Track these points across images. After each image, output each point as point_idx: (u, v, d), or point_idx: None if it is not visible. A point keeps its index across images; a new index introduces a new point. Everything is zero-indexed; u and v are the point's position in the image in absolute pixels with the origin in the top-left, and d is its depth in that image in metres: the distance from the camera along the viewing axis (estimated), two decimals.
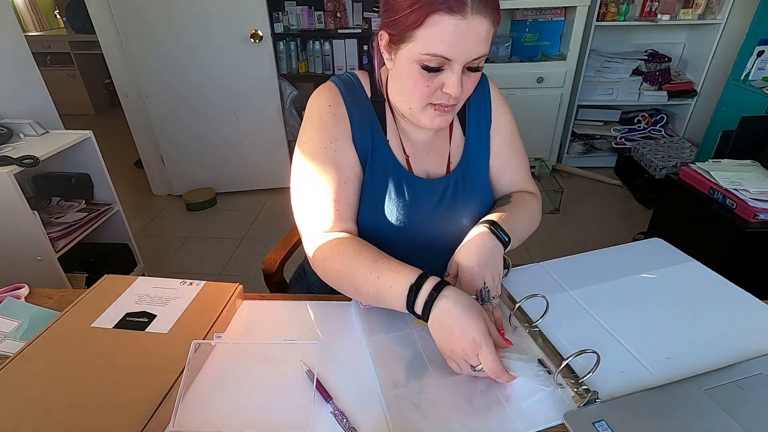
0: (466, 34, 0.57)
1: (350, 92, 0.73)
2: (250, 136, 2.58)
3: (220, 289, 0.73)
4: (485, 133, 0.80)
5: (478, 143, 0.79)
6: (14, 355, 0.60)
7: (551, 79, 2.53)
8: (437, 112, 0.66)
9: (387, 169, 0.73)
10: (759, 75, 2.07)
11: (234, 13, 2.24)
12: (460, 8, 0.56)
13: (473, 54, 0.59)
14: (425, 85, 0.63)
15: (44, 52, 4.12)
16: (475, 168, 0.79)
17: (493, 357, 0.54)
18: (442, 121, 0.68)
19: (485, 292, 0.64)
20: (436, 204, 0.76)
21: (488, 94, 0.80)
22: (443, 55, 0.59)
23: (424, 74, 0.61)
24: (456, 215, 0.77)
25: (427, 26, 0.57)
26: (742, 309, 0.68)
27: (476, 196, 0.78)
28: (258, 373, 0.60)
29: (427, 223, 0.75)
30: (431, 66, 0.60)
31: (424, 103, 0.65)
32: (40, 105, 1.77)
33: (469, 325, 0.54)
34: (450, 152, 0.78)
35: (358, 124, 0.72)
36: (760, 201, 1.33)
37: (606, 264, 0.80)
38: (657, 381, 0.56)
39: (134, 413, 0.51)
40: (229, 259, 2.14)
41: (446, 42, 0.57)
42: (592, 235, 2.24)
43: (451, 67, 0.60)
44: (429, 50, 0.59)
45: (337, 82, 0.73)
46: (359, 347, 0.64)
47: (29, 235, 1.40)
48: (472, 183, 0.78)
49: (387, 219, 0.73)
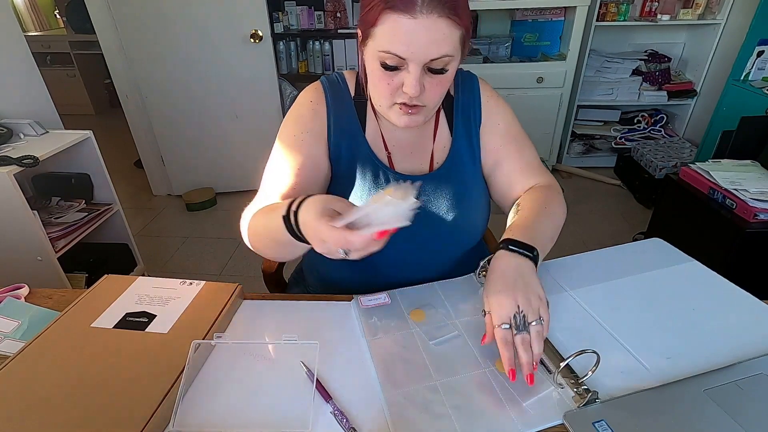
0: (418, 33, 0.57)
1: (333, 92, 0.76)
2: (250, 136, 2.58)
3: (220, 289, 0.73)
4: (474, 134, 0.79)
5: (466, 144, 0.78)
6: (14, 355, 0.60)
7: (551, 79, 2.53)
8: (402, 111, 0.67)
9: (366, 165, 0.75)
10: (759, 75, 2.07)
11: (234, 13, 2.24)
12: (409, 7, 0.56)
13: (429, 54, 0.59)
14: (386, 83, 0.64)
15: (44, 52, 4.12)
16: (461, 168, 0.78)
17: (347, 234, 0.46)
18: (410, 121, 0.68)
19: (520, 318, 0.56)
20: (425, 199, 0.76)
21: (477, 95, 0.79)
22: (396, 54, 0.59)
23: (384, 72, 0.63)
24: (438, 213, 0.76)
25: (381, 24, 0.59)
26: (742, 309, 0.68)
27: (460, 195, 0.77)
28: (258, 373, 0.60)
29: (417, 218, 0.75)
30: (389, 64, 0.61)
31: (390, 102, 0.66)
32: (40, 105, 1.77)
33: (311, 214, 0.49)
34: (434, 151, 0.78)
35: (337, 124, 0.74)
36: (760, 201, 1.33)
37: (606, 264, 0.80)
38: (657, 381, 0.56)
39: (134, 413, 0.51)
40: (229, 259, 2.14)
41: (398, 40, 0.58)
42: (592, 235, 2.24)
43: (408, 67, 0.61)
44: (383, 48, 0.60)
45: (323, 82, 0.77)
46: (359, 347, 0.64)
47: (29, 235, 1.40)
48: (457, 182, 0.77)
49: None
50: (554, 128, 2.69)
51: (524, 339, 0.55)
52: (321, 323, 0.69)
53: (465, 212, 0.77)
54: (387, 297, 0.73)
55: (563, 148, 2.85)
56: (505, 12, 2.73)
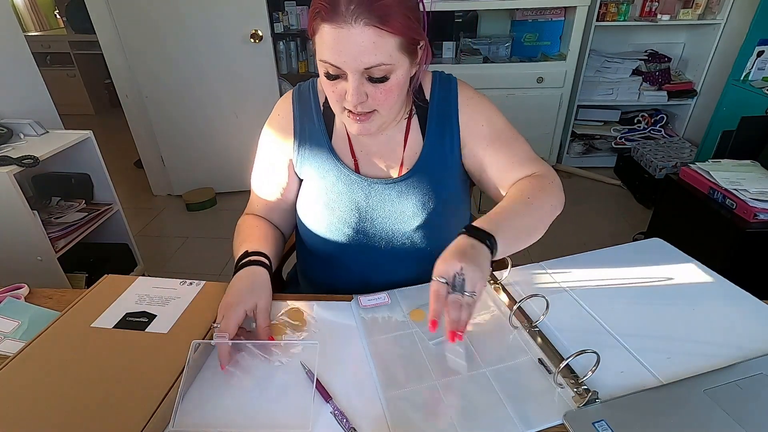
0: (346, 42, 0.58)
1: (301, 102, 0.79)
2: (250, 136, 2.56)
3: (220, 289, 0.73)
4: (448, 139, 0.76)
5: (438, 148, 0.76)
6: (14, 355, 0.60)
7: (551, 79, 2.53)
8: (351, 118, 0.67)
9: (330, 171, 0.76)
10: (759, 75, 2.07)
11: (234, 13, 2.24)
12: (335, 17, 0.57)
13: (362, 63, 0.59)
14: (332, 91, 0.65)
15: (44, 52, 4.12)
16: (431, 173, 0.76)
17: (233, 325, 0.61)
18: (361, 128, 0.68)
19: (459, 279, 0.55)
20: (384, 205, 0.76)
21: (455, 99, 0.77)
22: (330, 63, 0.61)
23: (329, 81, 0.64)
24: (405, 217, 0.76)
25: (318, 35, 0.61)
26: (742, 309, 0.68)
27: (429, 199, 0.76)
28: (258, 373, 0.60)
29: (375, 224, 0.76)
30: (330, 73, 0.62)
31: (339, 109, 0.68)
32: (40, 105, 1.77)
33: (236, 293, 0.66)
34: (404, 156, 0.77)
35: (303, 134, 0.78)
36: (760, 201, 1.33)
37: (606, 264, 0.80)
38: (657, 381, 0.56)
39: (134, 413, 0.51)
40: (229, 259, 2.14)
41: (330, 50, 0.60)
42: (592, 235, 2.24)
43: (345, 75, 0.62)
44: (321, 57, 0.62)
45: (294, 93, 0.80)
46: (359, 347, 0.64)
47: (29, 235, 1.40)
48: (426, 187, 0.75)
49: (334, 219, 0.76)
50: (554, 128, 2.69)
51: (457, 299, 0.55)
52: (321, 323, 0.69)
53: (435, 215, 0.76)
54: (387, 297, 0.73)
55: (563, 148, 2.85)
56: (505, 12, 2.73)
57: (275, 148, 0.80)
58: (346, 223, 0.76)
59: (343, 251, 0.79)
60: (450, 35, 2.70)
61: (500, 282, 0.75)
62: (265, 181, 0.82)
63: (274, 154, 0.81)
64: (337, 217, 0.76)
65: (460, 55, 2.66)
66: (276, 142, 0.80)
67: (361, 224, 0.76)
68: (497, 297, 0.73)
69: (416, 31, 0.62)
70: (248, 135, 2.59)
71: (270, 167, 0.81)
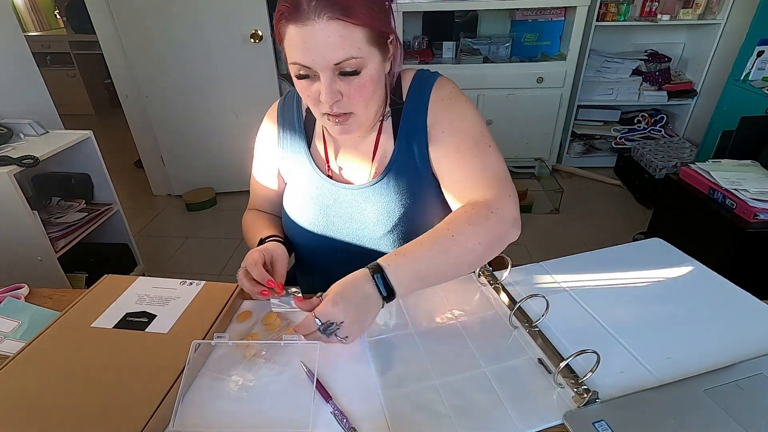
0: (313, 39, 0.58)
1: (284, 112, 0.82)
2: (250, 136, 2.55)
3: (220, 289, 0.73)
4: (417, 141, 0.72)
5: (408, 152, 0.73)
6: (14, 355, 0.60)
7: (551, 79, 2.53)
8: (331, 121, 0.66)
9: (307, 177, 0.78)
10: (759, 75, 2.07)
11: (234, 13, 2.24)
12: (299, 15, 0.57)
13: (331, 58, 0.58)
14: (306, 94, 0.65)
15: (44, 52, 4.12)
16: (401, 178, 0.73)
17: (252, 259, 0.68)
18: (341, 130, 0.67)
19: (335, 327, 0.55)
20: (350, 210, 0.75)
21: (426, 99, 0.71)
22: (300, 63, 0.60)
23: (302, 84, 0.64)
24: (370, 222, 0.75)
25: (285, 39, 0.61)
26: (742, 309, 0.68)
27: (398, 206, 0.73)
28: (258, 374, 0.60)
29: (340, 228, 0.77)
30: (301, 74, 0.62)
31: (318, 112, 0.67)
32: (40, 105, 1.77)
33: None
34: (375, 160, 0.75)
35: (285, 142, 0.81)
36: (760, 201, 1.33)
37: (606, 264, 0.80)
38: (657, 381, 0.56)
39: (134, 413, 0.51)
40: (229, 259, 2.14)
41: (298, 50, 0.59)
42: (592, 235, 2.24)
43: (317, 75, 0.61)
44: (291, 60, 0.62)
45: (279, 103, 0.83)
46: (359, 347, 0.64)
47: (29, 235, 1.40)
48: (395, 192, 0.73)
49: (305, 222, 0.78)
50: (554, 128, 2.69)
51: (327, 339, 0.57)
52: None
53: (405, 221, 0.73)
54: None
55: (563, 148, 2.85)
56: (505, 12, 2.73)
57: (265, 155, 0.85)
58: (317, 226, 0.77)
59: (318, 253, 0.81)
60: (450, 35, 2.70)
61: (500, 282, 0.75)
62: (261, 184, 0.88)
63: (265, 161, 0.86)
64: (307, 220, 0.78)
65: (460, 55, 2.66)
66: (265, 150, 0.84)
67: (330, 228, 0.77)
68: (497, 297, 0.73)
69: (383, 23, 0.62)
70: (248, 135, 2.56)
71: (263, 172, 0.87)
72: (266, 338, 0.67)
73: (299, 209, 0.79)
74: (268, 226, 0.83)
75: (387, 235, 0.74)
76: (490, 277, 0.77)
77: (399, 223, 0.74)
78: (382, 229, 0.74)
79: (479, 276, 0.77)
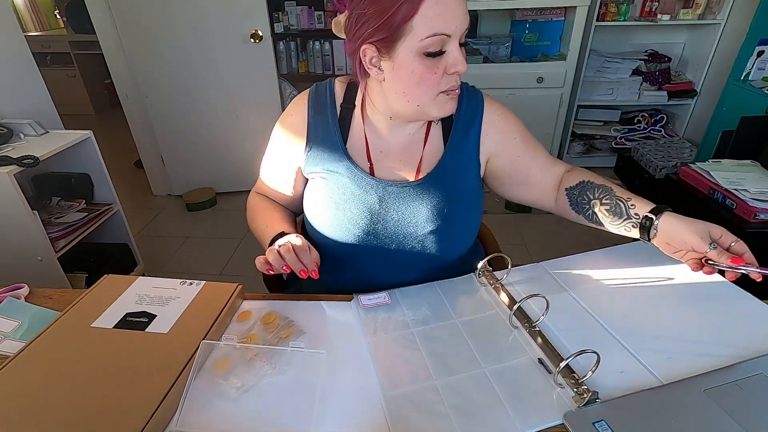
0: (456, 6, 0.60)
1: (317, 104, 0.79)
2: (250, 136, 2.58)
3: (220, 289, 0.73)
4: (469, 150, 0.78)
5: (458, 157, 0.77)
6: (14, 355, 0.60)
7: (551, 79, 2.53)
8: (448, 97, 0.67)
9: (343, 173, 0.76)
10: (759, 75, 2.07)
11: (234, 13, 2.24)
12: None
13: (464, 25, 0.62)
14: (433, 73, 0.64)
15: (44, 52, 4.12)
16: (447, 180, 0.76)
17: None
18: (453, 105, 0.69)
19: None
20: (398, 208, 0.75)
21: (480, 113, 0.78)
22: (444, 32, 0.60)
23: (428, 63, 0.63)
24: (418, 221, 0.75)
25: (424, 10, 0.59)
26: (742, 309, 0.68)
27: (442, 207, 0.75)
28: (261, 376, 0.60)
29: (387, 226, 0.76)
30: (433, 51, 0.62)
31: (435, 93, 0.66)
32: (40, 105, 1.77)
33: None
34: (422, 159, 0.77)
35: (316, 135, 0.78)
36: (760, 201, 1.33)
37: (606, 264, 0.80)
38: (657, 381, 0.56)
39: (134, 413, 0.51)
40: (229, 259, 2.14)
41: (443, 19, 0.60)
42: (592, 235, 2.22)
43: (450, 46, 0.62)
44: (429, 33, 0.60)
45: (310, 93, 0.80)
46: (359, 347, 0.64)
47: (29, 235, 1.40)
48: (440, 194, 0.75)
49: (345, 220, 0.75)
50: (554, 128, 2.69)
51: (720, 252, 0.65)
52: (320, 323, 0.69)
53: (447, 221, 0.75)
54: (387, 296, 0.73)
55: (563, 148, 2.85)
56: (505, 12, 2.73)
57: (285, 148, 0.82)
58: (357, 225, 0.75)
59: (351, 252, 0.78)
60: None
61: (500, 282, 0.75)
62: (273, 176, 0.86)
63: (283, 153, 0.82)
64: (348, 218, 0.75)
65: None
66: (287, 142, 0.81)
67: (373, 226, 0.75)
68: (497, 297, 0.73)
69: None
70: (248, 135, 2.59)
71: (278, 165, 0.84)
72: (265, 338, 0.67)
73: (334, 208, 0.76)
74: (282, 220, 0.82)
75: (432, 232, 0.75)
76: (490, 277, 0.77)
77: (445, 220, 0.76)
78: (430, 226, 0.75)
79: (479, 276, 0.77)
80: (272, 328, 0.68)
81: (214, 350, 0.63)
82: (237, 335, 0.67)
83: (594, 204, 0.77)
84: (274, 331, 0.68)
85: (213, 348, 0.63)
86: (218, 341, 0.63)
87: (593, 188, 0.78)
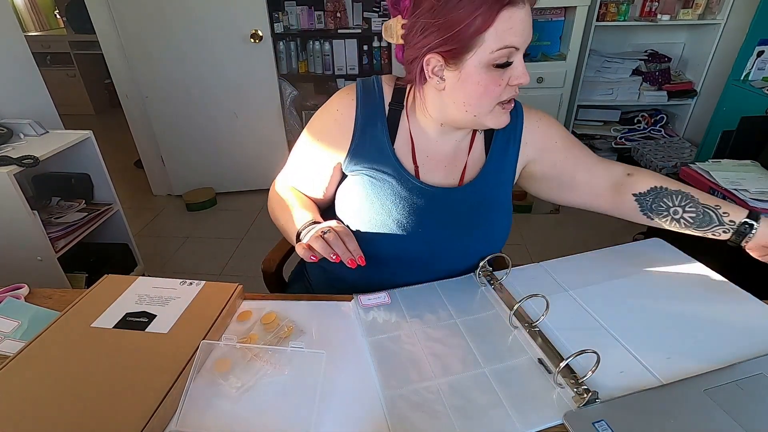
0: (526, 20, 0.61)
1: (366, 101, 0.76)
2: (250, 136, 2.58)
3: (220, 289, 0.73)
4: (510, 158, 0.79)
5: (499, 166, 0.78)
6: (14, 355, 0.60)
7: (551, 79, 2.53)
8: (504, 109, 0.68)
9: (389, 175, 0.75)
10: (759, 75, 2.07)
11: (234, 13, 2.24)
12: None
13: (530, 37, 0.63)
14: (497, 85, 0.64)
15: (44, 52, 4.11)
16: (488, 187, 0.78)
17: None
18: (507, 119, 0.70)
19: None
20: (444, 212, 0.76)
21: (521, 121, 0.79)
22: (514, 45, 0.61)
23: (494, 74, 0.63)
24: (462, 226, 0.76)
25: (499, 23, 0.59)
26: (742, 309, 0.68)
27: (485, 213, 0.78)
28: (262, 376, 0.60)
29: (432, 230, 0.75)
30: (502, 63, 0.62)
31: (494, 104, 0.67)
32: (40, 105, 1.77)
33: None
34: (467, 166, 0.78)
35: (363, 133, 0.75)
36: (760, 201, 1.33)
37: (606, 264, 0.80)
38: (657, 381, 0.56)
39: (134, 413, 0.51)
40: (229, 259, 2.14)
41: (516, 32, 0.61)
42: (592, 235, 2.24)
43: (517, 57, 0.63)
44: (501, 45, 0.61)
45: (358, 89, 0.77)
46: (359, 346, 0.64)
47: (29, 235, 1.40)
48: (482, 200, 0.78)
49: (392, 222, 0.74)
50: None
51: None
52: (321, 323, 0.69)
53: (483, 227, 0.78)
54: (387, 296, 0.74)
55: None
56: None
57: (324, 144, 0.78)
58: (402, 226, 0.74)
59: (386, 252, 0.77)
60: None
61: (500, 282, 0.75)
62: (305, 171, 0.82)
63: (322, 149, 0.78)
64: (394, 220, 0.74)
65: None
66: (327, 139, 0.78)
67: (416, 229, 0.75)
68: (497, 297, 0.73)
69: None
70: (248, 135, 2.60)
71: (313, 160, 0.80)
72: (265, 338, 0.67)
73: (380, 209, 0.75)
74: (312, 207, 0.80)
75: (468, 236, 0.77)
76: (490, 277, 0.77)
77: (481, 228, 0.78)
78: (468, 232, 0.77)
79: (479, 276, 0.77)
80: (272, 328, 0.68)
81: (214, 350, 0.63)
82: (237, 335, 0.67)
83: (675, 212, 0.76)
84: (274, 331, 0.68)
85: (213, 348, 0.63)
86: (218, 341, 0.64)
87: (670, 195, 0.76)
